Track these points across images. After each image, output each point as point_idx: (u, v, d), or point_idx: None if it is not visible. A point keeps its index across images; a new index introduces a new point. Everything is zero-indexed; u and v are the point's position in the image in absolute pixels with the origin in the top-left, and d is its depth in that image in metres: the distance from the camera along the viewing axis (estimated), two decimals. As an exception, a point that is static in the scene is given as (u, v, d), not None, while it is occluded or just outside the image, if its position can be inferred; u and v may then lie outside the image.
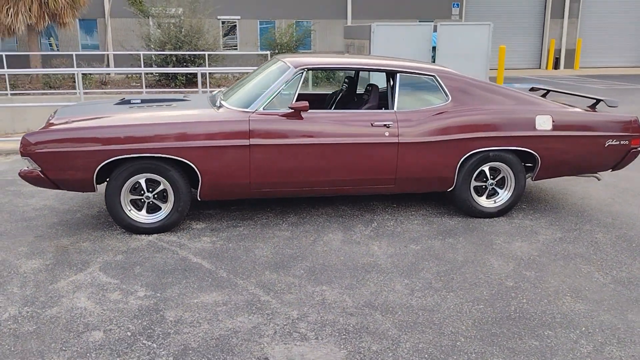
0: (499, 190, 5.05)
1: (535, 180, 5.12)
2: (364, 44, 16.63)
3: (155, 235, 4.56)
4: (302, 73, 4.73)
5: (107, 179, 4.51)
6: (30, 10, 15.27)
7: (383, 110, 4.80)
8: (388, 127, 4.67)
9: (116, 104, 5.14)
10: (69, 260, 4.06)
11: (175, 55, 15.71)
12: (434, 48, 16.25)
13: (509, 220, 5.00)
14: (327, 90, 12.97)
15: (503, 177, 5.02)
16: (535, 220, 5.02)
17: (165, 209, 4.58)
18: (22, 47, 21.20)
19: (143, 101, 5.17)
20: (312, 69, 4.86)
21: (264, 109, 4.59)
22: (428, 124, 4.74)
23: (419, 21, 22.61)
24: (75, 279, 3.78)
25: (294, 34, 19.48)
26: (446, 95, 4.87)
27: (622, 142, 5.09)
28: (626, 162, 5.21)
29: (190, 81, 15.71)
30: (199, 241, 4.44)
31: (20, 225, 4.76)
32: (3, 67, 16.37)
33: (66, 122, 4.52)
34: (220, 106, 4.74)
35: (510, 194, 5.03)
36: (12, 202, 5.41)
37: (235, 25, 23.63)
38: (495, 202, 5.06)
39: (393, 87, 4.88)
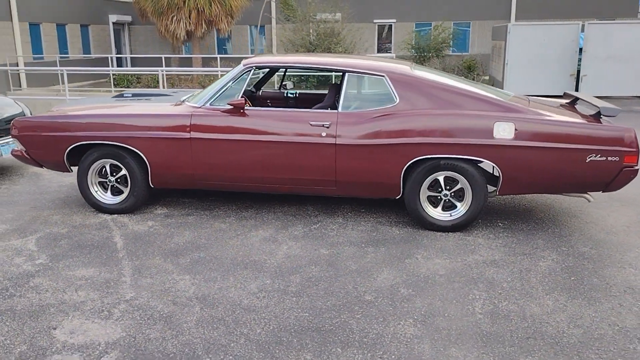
0: (457, 203, 4.59)
1: (501, 194, 4.54)
2: (501, 46, 15.62)
3: (115, 215, 5.07)
4: (250, 71, 4.84)
5: (81, 162, 5.14)
6: (189, 18, 17.23)
7: (326, 110, 4.68)
8: (326, 127, 4.56)
9: (113, 97, 5.78)
10: (26, 228, 4.74)
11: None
12: (581, 50, 14.63)
13: (459, 236, 4.52)
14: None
15: (462, 188, 4.55)
16: (490, 239, 4.46)
17: (125, 192, 5.06)
18: (204, 51, 23.97)
19: (134, 95, 5.73)
20: (259, 67, 4.94)
21: (210, 104, 4.81)
22: (370, 126, 4.52)
23: (596, 19, 20.35)
24: (12, 243, 4.42)
25: (438, 36, 18.95)
26: (395, 96, 4.57)
27: (609, 159, 4.26)
28: (620, 182, 4.34)
29: (323, 83, 16.17)
30: (142, 224, 4.83)
31: (31, 197, 5.64)
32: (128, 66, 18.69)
33: (54, 112, 5.24)
34: (182, 102, 5.06)
35: (467, 208, 4.54)
36: (54, 178, 6.40)
37: (391, 28, 23.72)
38: (451, 216, 4.60)
39: (340, 87, 4.74)
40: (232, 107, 4.70)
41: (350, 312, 3.30)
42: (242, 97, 4.76)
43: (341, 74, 4.80)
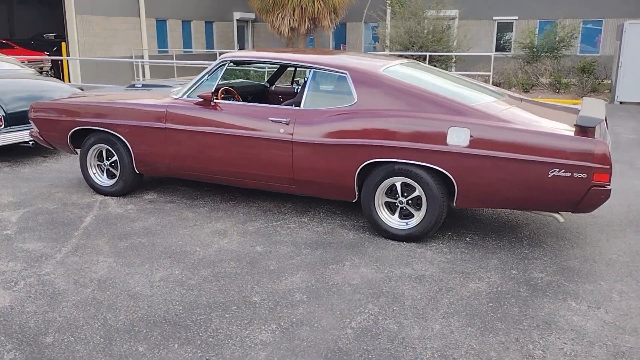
0: (414, 211, 4.29)
1: (459, 206, 4.15)
2: (618, 46, 14.11)
3: (108, 197, 5.42)
4: (224, 65, 4.91)
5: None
6: (293, 15, 17.68)
7: (286, 107, 4.61)
8: (285, 124, 4.49)
9: (126, 87, 6.16)
10: (26, 202, 5.24)
11: (414, 56, 15.89)
12: None
13: (410, 247, 4.21)
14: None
15: (419, 196, 4.24)
16: (441, 253, 4.10)
17: (116, 177, 5.40)
18: (319, 47, 24.48)
19: (144, 86, 6.06)
20: (234, 61, 4.97)
21: (187, 97, 4.96)
22: (325, 125, 4.37)
23: None
24: (2, 214, 4.93)
25: (556, 35, 17.50)
26: (354, 95, 4.36)
27: (575, 175, 3.71)
28: (589, 203, 3.76)
29: None
30: (121, 207, 5.12)
31: (56, 175, 6.23)
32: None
33: (66, 99, 5.71)
34: (169, 94, 5.27)
35: (421, 217, 4.22)
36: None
37: (512, 25, 22.36)
38: (407, 224, 4.31)
39: (304, 84, 4.63)
40: (202, 99, 4.81)
41: (223, 311, 3.25)
42: (214, 90, 4.84)
43: (307, 70, 4.68)
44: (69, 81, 17.29)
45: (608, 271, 3.82)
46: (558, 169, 3.73)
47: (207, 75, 4.95)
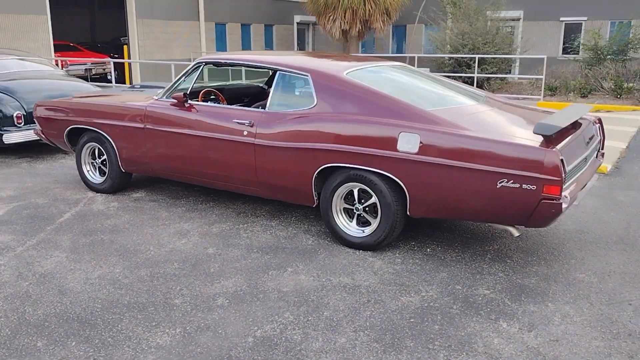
0: (371, 219, 4.14)
1: (412, 215, 3.96)
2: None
3: (98, 194, 5.61)
4: (200, 66, 4.94)
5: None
6: (344, 17, 17.62)
7: (254, 110, 4.57)
8: (249, 126, 4.47)
9: (128, 88, 6.33)
10: (21, 196, 5.51)
11: (465, 58, 15.40)
12: None
13: (363, 255, 4.06)
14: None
15: (375, 204, 4.08)
16: (392, 263, 3.92)
17: (106, 174, 5.57)
18: (379, 50, 24.29)
19: (142, 87, 6.22)
20: (208, 63, 4.98)
21: (165, 98, 5.04)
22: (285, 127, 4.30)
23: None
24: (-5, 207, 5.22)
25: (622, 37, 16.42)
26: (314, 98, 4.27)
27: (524, 186, 3.44)
28: (540, 218, 3.47)
29: (477, 86, 15.11)
30: (105, 204, 5.27)
31: (65, 172, 6.52)
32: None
33: (65, 99, 5.96)
34: (152, 95, 5.38)
35: (376, 225, 4.06)
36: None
37: (580, 26, 21.19)
38: (363, 232, 4.17)
39: (270, 86, 4.57)
40: (175, 100, 4.87)
41: (139, 311, 3.26)
42: (189, 91, 4.89)
43: (273, 72, 4.63)
44: (130, 82, 18.09)
45: (565, 292, 3.52)
46: (507, 180, 3.48)
47: (183, 77, 5.01)
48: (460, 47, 15.50)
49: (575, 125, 4.10)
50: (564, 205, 3.43)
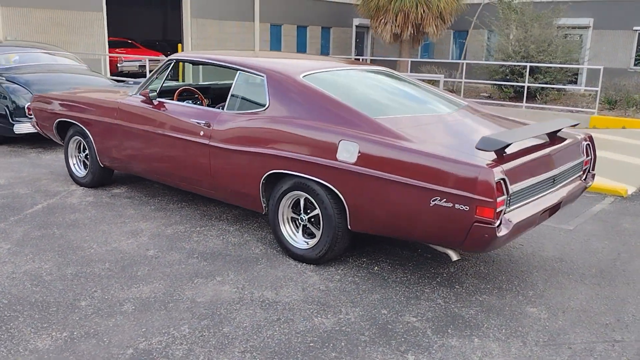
0: (316, 231, 3.89)
1: (353, 230, 3.67)
2: None
3: (80, 187, 5.64)
4: (171, 64, 4.85)
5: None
6: (395, 20, 17.22)
7: (212, 109, 4.42)
8: (206, 126, 4.32)
9: (119, 84, 6.35)
10: (10, 186, 5.63)
11: (517, 66, 14.56)
12: None
13: (299, 268, 3.81)
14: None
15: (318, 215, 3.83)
16: (332, 281, 3.65)
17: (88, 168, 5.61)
18: (439, 55, 23.61)
19: (134, 83, 6.21)
20: (179, 61, 4.88)
21: (137, 94, 4.99)
22: (236, 129, 4.13)
23: None
24: (-22, 195, 5.35)
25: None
26: (267, 99, 4.06)
27: (457, 207, 3.08)
28: (475, 242, 3.10)
29: (529, 95, 14.25)
30: (80, 198, 5.28)
31: (61, 164, 6.65)
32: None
33: (57, 92, 6.03)
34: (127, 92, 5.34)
35: (318, 238, 3.81)
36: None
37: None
38: (307, 244, 3.92)
39: (231, 86, 4.41)
40: (143, 97, 4.80)
41: (39, 311, 3.16)
42: (160, 89, 4.81)
43: (235, 72, 4.45)
44: (183, 79, 18.48)
45: (502, 327, 3.13)
46: (439, 198, 3.13)
47: (155, 74, 4.94)
48: (512, 55, 14.74)
49: (549, 141, 3.69)
50: (503, 231, 3.05)
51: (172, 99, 4.85)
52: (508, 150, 3.28)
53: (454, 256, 3.39)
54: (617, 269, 3.97)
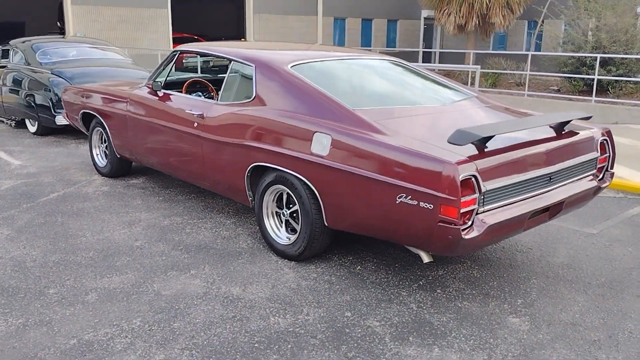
0: (296, 226, 3.75)
1: (330, 226, 3.49)
2: None
3: (102, 177, 5.79)
4: (175, 55, 4.84)
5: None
6: (459, 11, 16.59)
7: (207, 100, 4.36)
8: (200, 117, 4.28)
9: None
10: (38, 174, 5.86)
11: (587, 58, 13.60)
12: None
13: (286, 264, 3.68)
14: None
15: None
16: (306, 279, 3.49)
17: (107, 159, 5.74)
18: (512, 47, 22.58)
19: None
20: (182, 52, 4.85)
21: (145, 86, 5.03)
22: (225, 121, 4.05)
23: None
24: (4, 182, 5.59)
25: None
26: (253, 90, 3.95)
27: (421, 204, 2.84)
28: (440, 243, 2.84)
29: (601, 89, 13.32)
30: (97, 188, 5.41)
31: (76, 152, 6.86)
32: (434, 63, 18.37)
33: (86, 85, 6.20)
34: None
35: (297, 234, 3.66)
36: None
37: None
38: (288, 240, 3.79)
39: (225, 77, 4.32)
40: (149, 89, 4.83)
41: (8, 297, 3.23)
42: (165, 81, 4.82)
43: (229, 62, 4.36)
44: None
45: (471, 337, 2.86)
46: (405, 195, 2.90)
47: (162, 65, 4.95)
48: (583, 45, 13.79)
49: (554, 136, 3.35)
50: (473, 233, 2.78)
51: (181, 91, 4.85)
52: (492, 145, 3.00)
53: (425, 258, 3.13)
54: (631, 280, 3.55)
